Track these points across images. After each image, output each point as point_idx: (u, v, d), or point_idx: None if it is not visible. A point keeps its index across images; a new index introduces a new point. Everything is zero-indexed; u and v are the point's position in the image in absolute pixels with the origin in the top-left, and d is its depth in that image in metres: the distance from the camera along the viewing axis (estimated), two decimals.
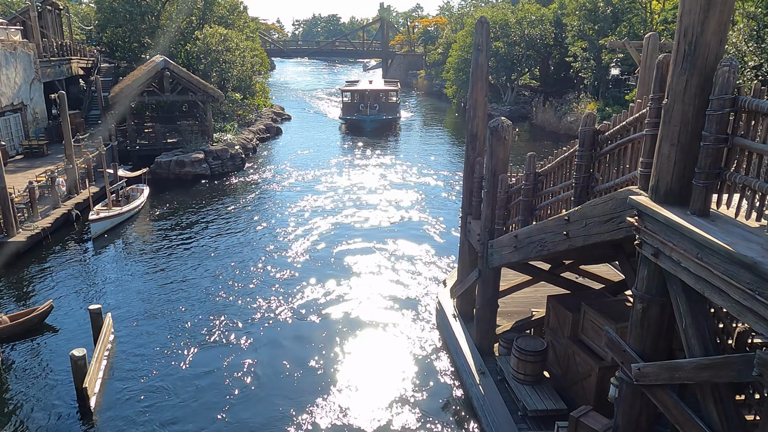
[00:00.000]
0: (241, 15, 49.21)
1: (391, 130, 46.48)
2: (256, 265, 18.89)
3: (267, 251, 20.13)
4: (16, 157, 29.83)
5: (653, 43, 12.78)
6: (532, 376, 10.35)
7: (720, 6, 5.63)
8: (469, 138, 13.21)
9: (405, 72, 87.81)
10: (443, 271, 18.24)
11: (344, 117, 48.15)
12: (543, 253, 9.37)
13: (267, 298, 16.48)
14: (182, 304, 16.10)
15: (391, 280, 17.76)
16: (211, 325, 14.94)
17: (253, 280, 17.68)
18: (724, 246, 5.22)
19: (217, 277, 17.86)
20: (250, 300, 16.36)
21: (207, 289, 17.05)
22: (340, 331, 14.69)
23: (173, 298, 16.43)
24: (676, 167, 6.17)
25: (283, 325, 15.08)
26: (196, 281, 17.59)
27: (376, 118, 46.48)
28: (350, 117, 47.33)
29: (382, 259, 19.44)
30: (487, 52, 12.51)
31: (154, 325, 14.92)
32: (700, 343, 6.00)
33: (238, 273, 18.22)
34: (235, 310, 15.78)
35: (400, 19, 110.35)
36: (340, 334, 14.55)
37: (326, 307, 15.99)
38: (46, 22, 39.60)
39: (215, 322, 15.06)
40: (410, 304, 16.18)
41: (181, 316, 15.35)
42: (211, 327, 14.82)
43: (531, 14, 52.68)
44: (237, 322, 15.09)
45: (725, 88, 5.58)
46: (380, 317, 15.43)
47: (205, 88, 32.49)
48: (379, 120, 46.57)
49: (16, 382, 12.47)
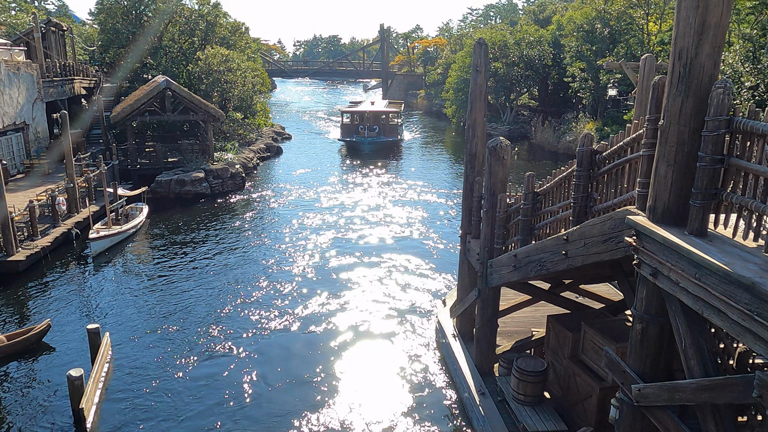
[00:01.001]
0: (243, 36, 49.80)
1: (392, 151, 45.73)
2: (255, 284, 18.85)
3: (266, 270, 20.09)
4: (17, 175, 29.94)
5: (650, 64, 12.93)
6: (533, 397, 10.27)
7: (714, 29, 5.72)
8: (468, 157, 13.29)
9: (405, 92, 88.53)
10: (442, 290, 18.18)
11: (342, 139, 47.04)
12: (542, 273, 9.36)
13: (266, 317, 16.41)
14: (181, 323, 16.02)
15: (389, 299, 17.70)
16: (210, 345, 14.85)
17: (253, 300, 17.62)
18: (721, 266, 5.23)
19: (217, 297, 17.80)
20: (249, 320, 16.28)
21: (206, 308, 16.99)
22: (339, 351, 14.60)
23: (172, 318, 16.36)
24: (673, 187, 6.20)
25: (282, 344, 14.99)
26: (195, 300, 17.53)
27: (375, 141, 45.15)
28: (348, 139, 46.15)
29: (381, 278, 19.40)
30: (486, 72, 12.64)
31: (153, 344, 14.83)
32: (700, 363, 5.97)
33: (237, 292, 18.16)
34: (234, 329, 15.70)
35: (400, 40, 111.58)
36: (339, 354, 14.45)
37: (325, 327, 15.91)
38: (50, 42, 40.09)
39: (214, 343, 14.97)
40: (409, 323, 16.11)
41: (179, 336, 15.27)
42: (210, 347, 14.74)
43: (529, 35, 53.33)
44: (236, 342, 15.00)
45: (720, 110, 5.64)
46: (379, 337, 15.35)
47: (207, 107, 32.74)
48: (378, 142, 45.28)
49: (12, 403, 12.35)
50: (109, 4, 44.64)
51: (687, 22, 5.78)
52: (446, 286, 18.56)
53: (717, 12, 5.67)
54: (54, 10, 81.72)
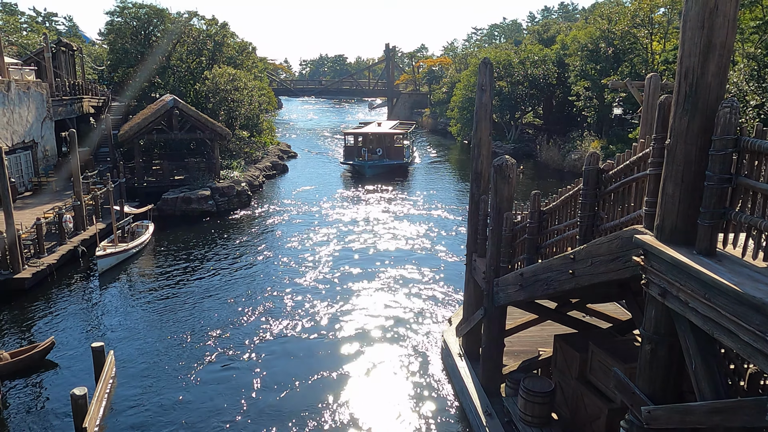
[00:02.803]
0: (250, 55, 50.40)
1: (397, 173, 43.60)
2: (259, 301, 18.79)
3: (271, 287, 20.05)
4: (25, 193, 30.16)
5: (654, 83, 12.97)
6: (540, 418, 10.12)
7: (719, 49, 5.73)
8: (473, 176, 13.30)
9: (410, 110, 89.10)
10: (448, 309, 18.07)
11: (345, 162, 45.19)
12: (549, 292, 9.29)
13: (271, 334, 16.33)
14: (186, 341, 15.96)
15: (395, 318, 17.60)
16: (215, 363, 14.77)
17: (257, 317, 17.55)
18: (731, 286, 5.17)
19: (222, 315, 17.75)
20: (254, 338, 16.21)
21: (211, 326, 16.93)
22: (344, 370, 14.48)
23: (177, 336, 16.31)
24: (681, 206, 6.16)
25: (287, 360, 14.89)
26: (200, 318, 17.49)
27: (377, 164, 42.66)
28: (351, 162, 44.25)
29: (386, 296, 19.31)
30: (491, 91, 12.71)
31: (157, 363, 14.76)
32: (710, 385, 5.87)
33: (242, 311, 18.10)
34: (239, 347, 15.62)
35: (405, 59, 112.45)
36: (344, 373, 14.33)
37: (330, 347, 15.81)
38: (60, 62, 40.66)
39: (219, 360, 14.88)
40: (415, 342, 15.99)
41: (184, 354, 15.20)
42: (215, 365, 14.65)
43: (534, 54, 53.70)
44: (241, 361, 14.91)
45: (727, 129, 5.62)
46: (384, 355, 15.23)
47: (213, 126, 33.01)
48: (381, 166, 42.87)
49: (16, 421, 12.28)
50: (118, 25, 45.42)
51: (692, 42, 5.80)
52: (452, 305, 18.44)
53: (722, 32, 5.69)
54: (64, 31, 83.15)
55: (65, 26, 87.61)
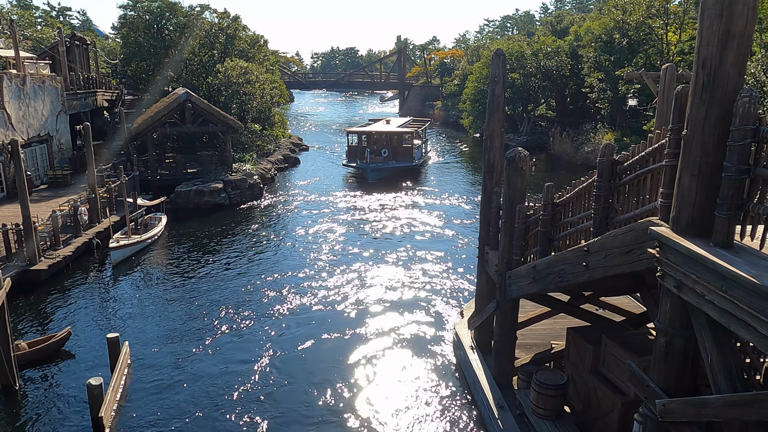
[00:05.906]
0: (262, 48, 50.40)
1: (407, 174, 39.56)
2: (273, 291, 18.89)
3: (283, 279, 20.14)
4: (40, 186, 30.51)
5: (670, 74, 12.78)
6: (553, 411, 10.10)
7: (738, 38, 5.63)
8: (486, 168, 13.23)
9: (422, 103, 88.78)
10: (460, 301, 18.06)
11: (348, 164, 40.82)
12: (562, 285, 9.24)
13: (285, 326, 16.42)
14: (200, 331, 16.10)
15: (406, 309, 17.61)
16: (230, 353, 14.88)
17: (271, 308, 17.65)
18: (749, 279, 5.10)
19: (235, 305, 17.87)
20: (268, 328, 16.30)
21: (225, 316, 17.06)
22: (355, 360, 14.54)
23: (191, 326, 16.45)
24: (698, 198, 6.08)
25: (301, 350, 14.97)
26: (213, 308, 17.62)
27: (380, 167, 38.26)
28: (353, 165, 39.97)
29: (398, 287, 19.33)
30: (504, 83, 12.60)
31: (172, 353, 14.91)
32: (726, 378, 5.82)
33: (256, 301, 18.22)
34: (254, 338, 15.73)
35: (416, 52, 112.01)
36: (355, 365, 14.39)
37: (343, 337, 15.87)
38: (74, 56, 40.99)
39: (234, 351, 15.00)
40: (426, 334, 16.00)
41: (198, 344, 15.34)
42: (230, 355, 14.77)
43: (546, 46, 53.18)
44: (256, 351, 15.01)
45: (746, 119, 5.53)
46: (396, 347, 15.26)
47: (225, 119, 33.12)
48: (386, 169, 38.54)
49: (32, 410, 12.49)
50: (131, 19, 45.61)
51: (711, 31, 5.70)
52: (464, 297, 18.42)
53: (741, 21, 5.59)
54: (78, 25, 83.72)
55: (79, 20, 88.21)
